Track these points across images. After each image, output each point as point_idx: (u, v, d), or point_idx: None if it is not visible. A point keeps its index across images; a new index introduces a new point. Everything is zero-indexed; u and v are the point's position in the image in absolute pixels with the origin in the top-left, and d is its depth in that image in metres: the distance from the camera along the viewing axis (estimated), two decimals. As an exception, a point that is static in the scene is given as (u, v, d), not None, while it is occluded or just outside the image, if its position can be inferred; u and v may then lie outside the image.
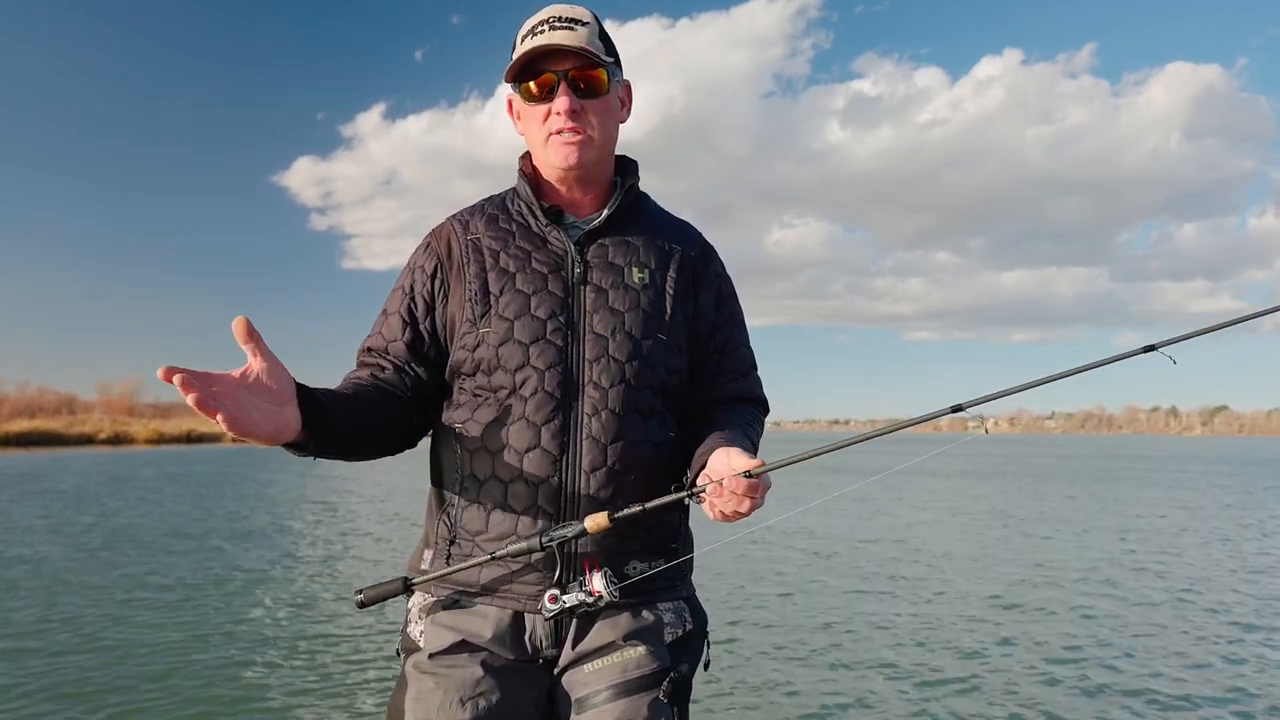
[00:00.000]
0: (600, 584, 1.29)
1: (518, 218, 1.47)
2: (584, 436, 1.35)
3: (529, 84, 1.41)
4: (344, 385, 1.41)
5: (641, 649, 1.36)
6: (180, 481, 20.14)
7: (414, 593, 1.43)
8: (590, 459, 1.34)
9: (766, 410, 1.57)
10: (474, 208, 1.52)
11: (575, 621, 1.36)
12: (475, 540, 1.37)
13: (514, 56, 1.40)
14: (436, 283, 1.45)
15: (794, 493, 15.19)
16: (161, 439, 50.70)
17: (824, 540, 10.71)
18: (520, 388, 1.36)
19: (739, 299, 1.58)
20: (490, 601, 1.37)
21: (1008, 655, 5.53)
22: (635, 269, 1.44)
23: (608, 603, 1.30)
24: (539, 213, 1.45)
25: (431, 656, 1.36)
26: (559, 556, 1.33)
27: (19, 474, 22.15)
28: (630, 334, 1.39)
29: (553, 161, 1.42)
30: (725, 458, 1.24)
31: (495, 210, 1.49)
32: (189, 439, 50.62)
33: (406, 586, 1.38)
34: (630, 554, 1.37)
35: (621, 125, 1.50)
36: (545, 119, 1.41)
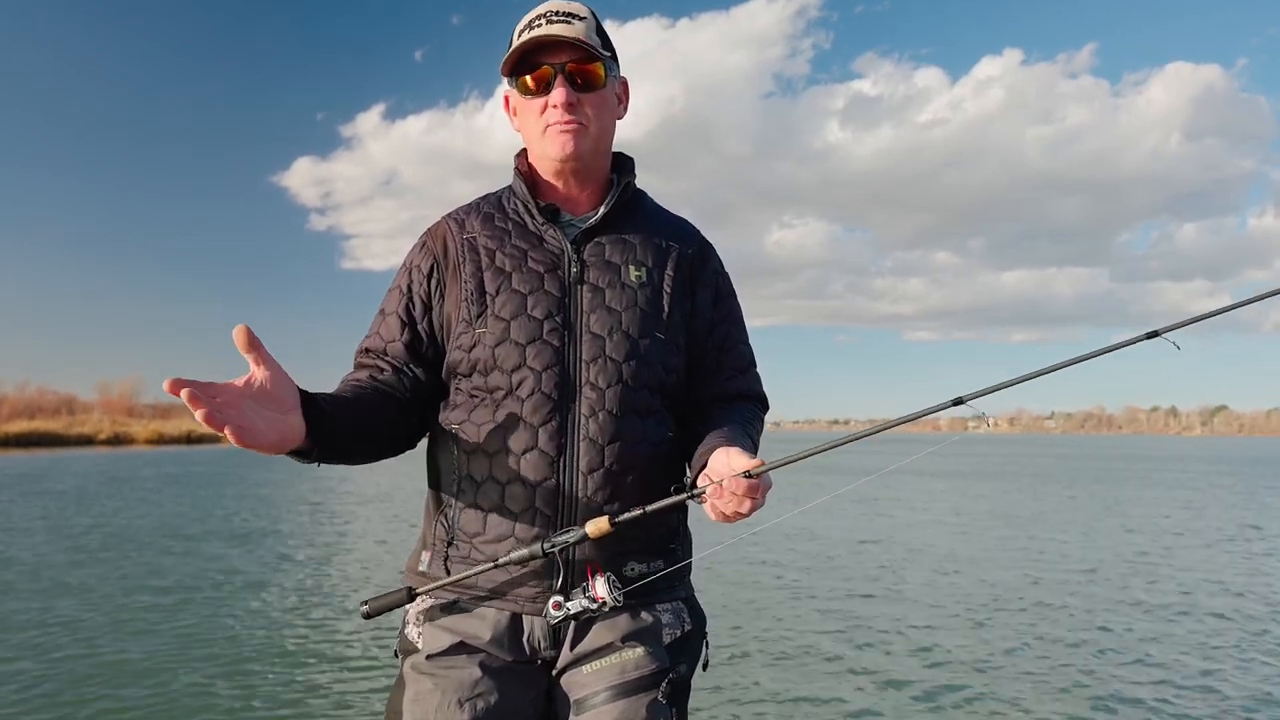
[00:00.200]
0: (603, 589, 1.28)
1: (514, 216, 1.46)
2: (581, 438, 1.34)
3: (525, 77, 1.40)
4: (343, 388, 1.40)
5: (640, 650, 1.35)
6: (180, 482, 20.12)
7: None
8: (588, 460, 1.33)
9: (766, 407, 1.56)
10: (470, 206, 1.51)
11: (574, 623, 1.36)
12: (473, 542, 1.37)
13: (510, 50, 1.39)
14: (433, 282, 1.43)
15: (793, 493, 15.17)
16: (161, 439, 50.69)
17: (824, 541, 10.70)
18: (517, 389, 1.35)
19: (737, 296, 1.57)
20: (489, 604, 1.36)
21: (1008, 655, 5.52)
22: (632, 267, 1.43)
23: (611, 608, 1.29)
24: (535, 211, 1.43)
25: (430, 658, 1.36)
26: (560, 562, 1.32)
27: (18, 475, 22.13)
28: (628, 333, 1.38)
29: (549, 153, 1.41)
30: (725, 458, 1.23)
31: (491, 209, 1.48)
32: (188, 440, 50.56)
33: (411, 596, 1.36)
34: (629, 554, 1.37)
35: (618, 123, 1.49)
36: (542, 112, 1.40)
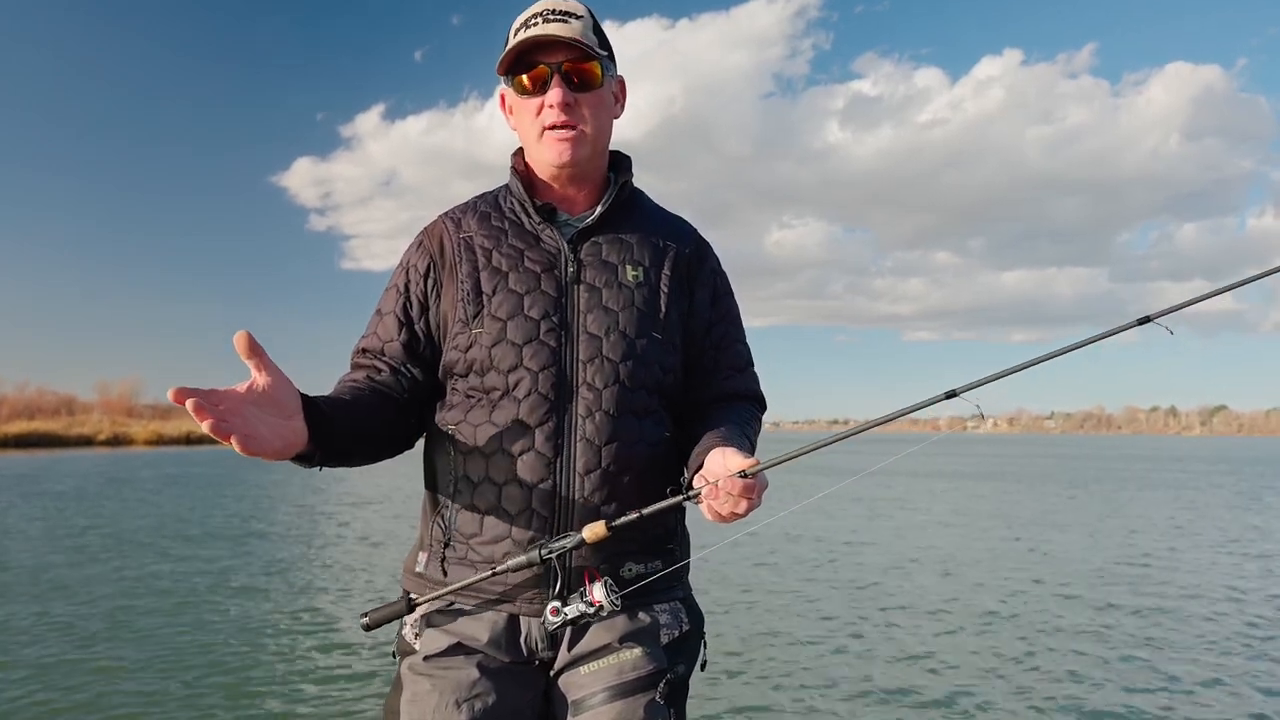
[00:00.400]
0: (601, 594, 1.27)
1: (510, 216, 1.45)
2: (578, 438, 1.33)
3: (522, 77, 1.39)
4: (341, 389, 1.39)
5: (638, 650, 1.35)
6: (179, 483, 20.11)
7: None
8: (584, 461, 1.33)
9: (764, 407, 1.55)
10: (466, 205, 1.50)
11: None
12: (469, 543, 1.36)
13: (506, 48, 1.38)
14: (430, 281, 1.43)
15: (792, 493, 15.17)
16: (160, 440, 50.67)
17: (825, 542, 10.70)
18: (513, 389, 1.34)
19: (735, 295, 1.56)
20: (486, 605, 1.36)
21: (1009, 656, 5.52)
22: (629, 267, 1.42)
23: (609, 612, 1.29)
24: (532, 210, 1.43)
25: (427, 659, 1.35)
26: (558, 567, 1.32)
27: (18, 475, 22.12)
28: (624, 333, 1.37)
29: (546, 158, 1.40)
30: (721, 458, 1.23)
31: (488, 208, 1.47)
32: (187, 440, 50.51)
33: (411, 607, 1.35)
34: (626, 555, 1.36)
35: (615, 121, 1.48)
36: (538, 113, 1.39)
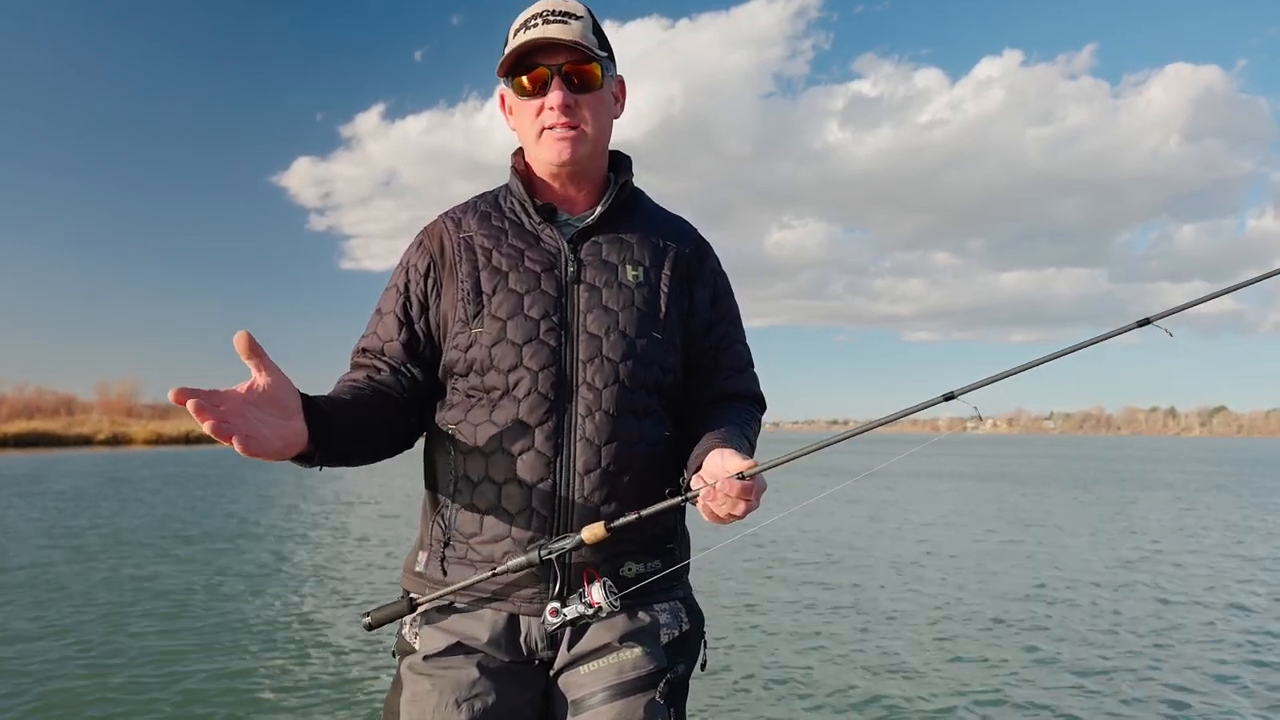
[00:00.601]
0: (600, 595, 1.28)
1: (510, 215, 1.46)
2: (578, 438, 1.33)
3: (521, 78, 1.39)
4: (341, 389, 1.39)
5: (638, 650, 1.35)
6: (178, 483, 20.09)
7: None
8: (584, 461, 1.33)
9: (763, 407, 1.55)
10: (466, 205, 1.50)
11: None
12: (469, 542, 1.36)
13: (506, 50, 1.39)
14: (430, 281, 1.43)
15: (792, 495, 15.16)
16: (160, 440, 50.62)
17: (825, 542, 10.70)
18: (513, 389, 1.34)
19: (735, 296, 1.56)
20: (486, 605, 1.36)
21: (1010, 656, 5.52)
22: (629, 266, 1.42)
23: (608, 613, 1.29)
24: (532, 210, 1.43)
25: (427, 658, 1.36)
26: (557, 568, 1.32)
27: (17, 475, 22.09)
28: (624, 333, 1.38)
29: (545, 158, 1.41)
30: (720, 459, 1.23)
31: (488, 208, 1.48)
32: (186, 440, 50.48)
33: (413, 607, 1.36)
34: (626, 555, 1.36)
35: (615, 121, 1.49)
36: (538, 114, 1.40)
